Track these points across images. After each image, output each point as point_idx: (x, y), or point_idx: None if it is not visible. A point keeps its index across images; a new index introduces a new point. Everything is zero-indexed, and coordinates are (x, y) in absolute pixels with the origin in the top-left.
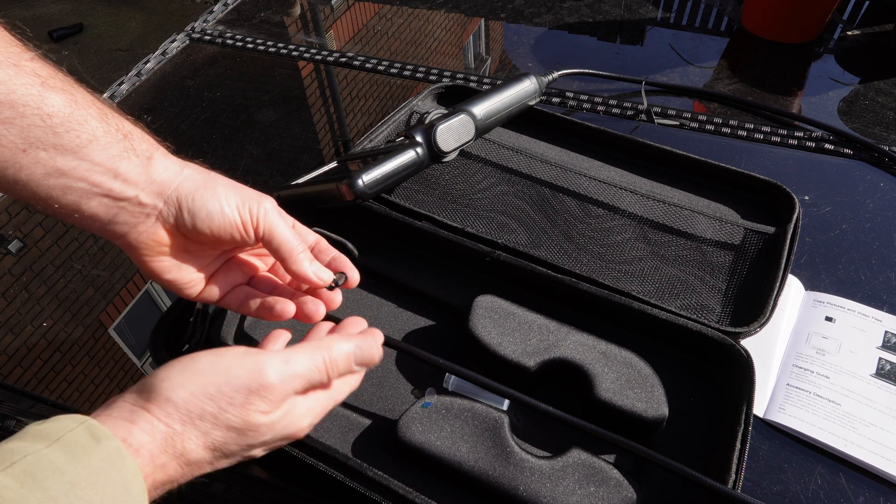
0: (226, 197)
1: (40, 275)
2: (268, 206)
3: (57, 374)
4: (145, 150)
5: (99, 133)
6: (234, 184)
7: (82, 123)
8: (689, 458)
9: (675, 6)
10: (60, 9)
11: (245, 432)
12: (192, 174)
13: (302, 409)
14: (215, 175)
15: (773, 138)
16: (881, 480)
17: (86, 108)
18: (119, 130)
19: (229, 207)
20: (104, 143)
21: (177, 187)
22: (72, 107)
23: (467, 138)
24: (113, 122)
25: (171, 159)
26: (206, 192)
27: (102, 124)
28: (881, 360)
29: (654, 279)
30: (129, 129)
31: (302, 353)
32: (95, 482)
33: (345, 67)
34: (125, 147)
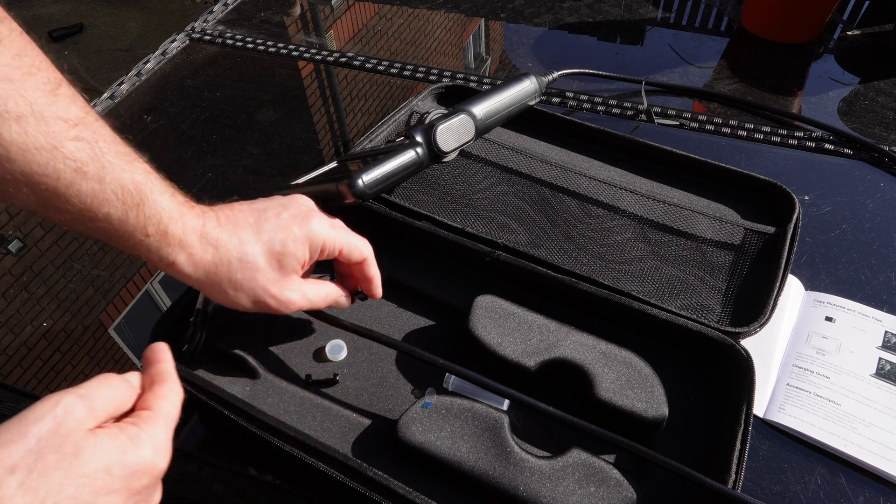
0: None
1: (40, 275)
2: (316, 231)
3: (57, 374)
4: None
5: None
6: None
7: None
8: (689, 458)
9: (675, 6)
10: (60, 9)
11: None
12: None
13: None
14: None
15: (773, 138)
16: (881, 480)
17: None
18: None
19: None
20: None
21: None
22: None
23: (467, 138)
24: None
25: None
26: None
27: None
28: (881, 360)
29: (654, 279)
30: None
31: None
32: None
33: (345, 67)
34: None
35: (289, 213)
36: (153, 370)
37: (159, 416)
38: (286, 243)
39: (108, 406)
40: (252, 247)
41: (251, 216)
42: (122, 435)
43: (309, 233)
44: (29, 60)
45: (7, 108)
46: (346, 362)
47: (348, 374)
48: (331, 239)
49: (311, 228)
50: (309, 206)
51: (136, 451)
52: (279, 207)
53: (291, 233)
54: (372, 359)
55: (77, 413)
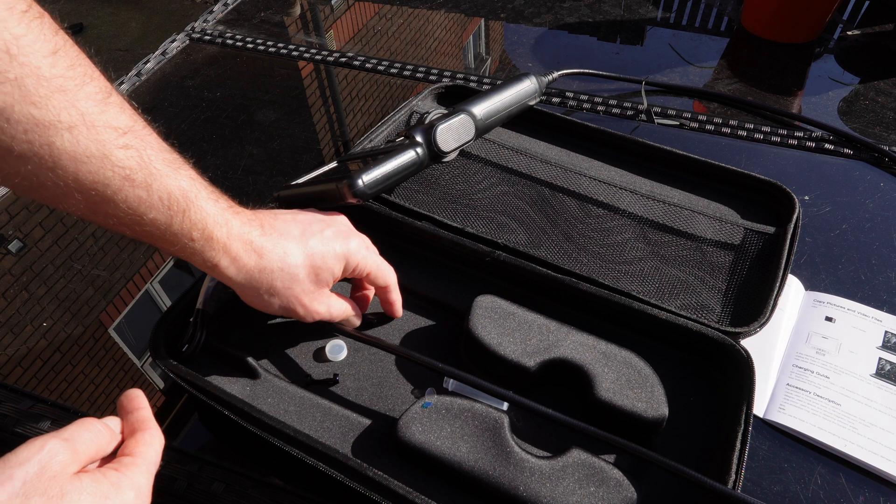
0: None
1: (40, 275)
2: (353, 251)
3: (57, 374)
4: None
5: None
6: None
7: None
8: (689, 458)
9: (675, 6)
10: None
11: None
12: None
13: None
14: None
15: (773, 138)
16: (881, 480)
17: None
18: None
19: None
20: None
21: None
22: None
23: (467, 138)
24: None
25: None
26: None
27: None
28: (881, 360)
29: (654, 279)
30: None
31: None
32: None
33: (345, 67)
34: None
35: (332, 231)
36: (132, 417)
37: (141, 462)
38: (326, 259)
39: (90, 449)
40: (295, 259)
41: (296, 228)
42: (104, 479)
43: (347, 251)
44: (82, 70)
45: (60, 118)
46: (346, 362)
47: (348, 374)
48: (364, 261)
49: (350, 248)
50: (349, 226)
51: (119, 496)
52: (323, 223)
53: (332, 250)
54: (372, 359)
55: (61, 457)
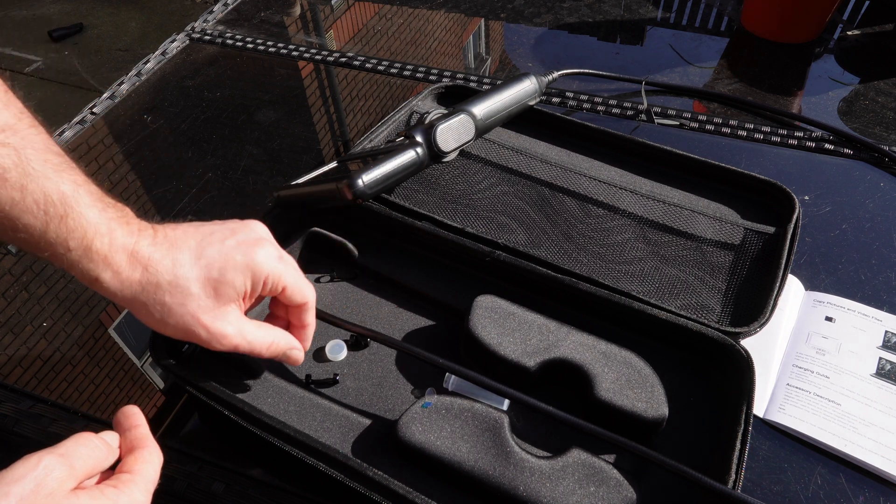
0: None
1: (40, 275)
2: (260, 262)
3: (57, 374)
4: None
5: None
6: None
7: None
8: (689, 458)
9: (675, 6)
10: (60, 9)
11: None
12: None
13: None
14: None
15: (773, 138)
16: (881, 480)
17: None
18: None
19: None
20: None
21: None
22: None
23: (467, 138)
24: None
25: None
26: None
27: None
28: (881, 360)
29: (654, 279)
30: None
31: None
32: None
33: (345, 67)
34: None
35: (235, 240)
36: (130, 435)
37: (139, 480)
38: (225, 270)
39: (87, 465)
40: (186, 270)
41: (193, 238)
42: (102, 497)
43: (252, 262)
44: None
45: None
46: (346, 362)
47: (348, 374)
48: (276, 273)
49: (256, 258)
50: (260, 235)
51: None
52: (226, 232)
53: (232, 260)
54: (372, 359)
55: (57, 473)
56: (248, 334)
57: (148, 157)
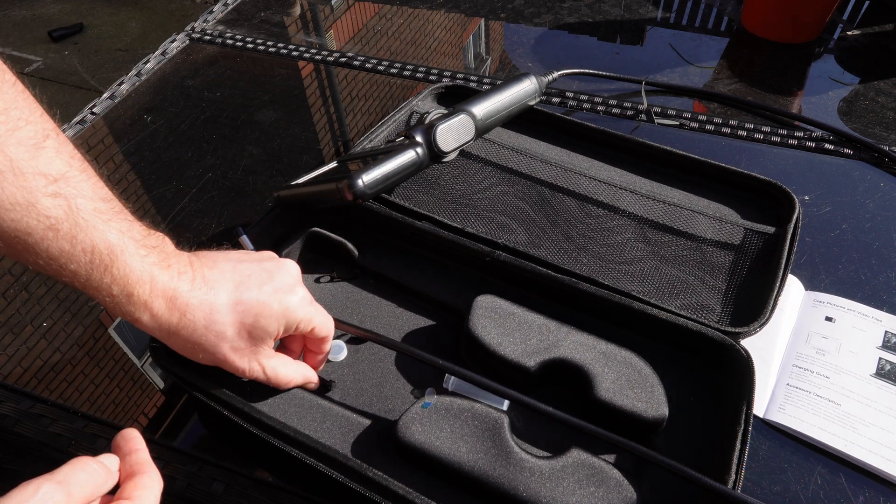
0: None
1: (40, 275)
2: (294, 309)
3: (57, 374)
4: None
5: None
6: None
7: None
8: (689, 458)
9: (675, 6)
10: (60, 9)
11: None
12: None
13: None
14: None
15: (773, 138)
16: (881, 480)
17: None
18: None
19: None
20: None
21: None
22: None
23: (467, 138)
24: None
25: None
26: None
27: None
28: (881, 360)
29: (654, 279)
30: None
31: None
32: None
33: (345, 67)
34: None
35: (272, 286)
36: (131, 459)
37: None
38: (260, 317)
39: (86, 491)
40: (223, 316)
41: (231, 281)
42: None
43: (287, 311)
44: (17, 114)
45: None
46: (346, 362)
47: (348, 374)
48: (307, 318)
49: (290, 306)
50: (294, 279)
51: None
52: (264, 276)
53: (269, 308)
54: (372, 359)
55: (56, 499)
56: (270, 371)
57: (148, 157)
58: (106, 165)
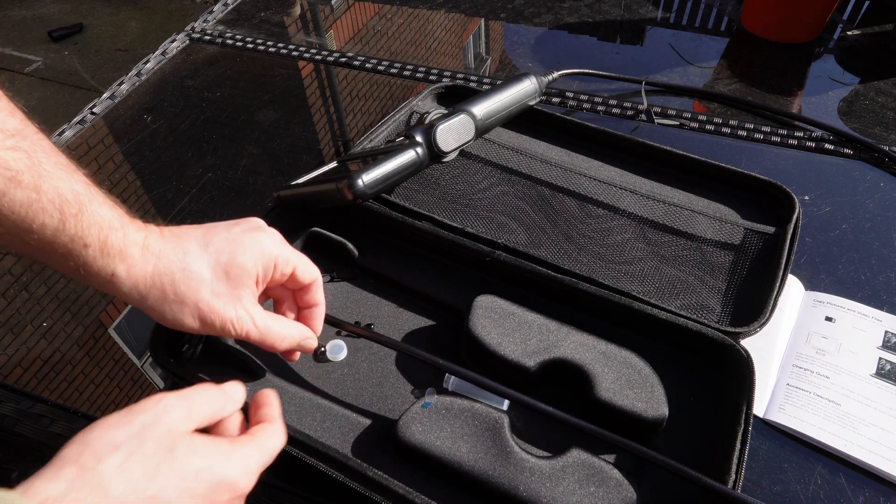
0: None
1: (40, 275)
2: (267, 244)
3: (57, 374)
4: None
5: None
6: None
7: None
8: (689, 458)
9: (675, 6)
10: (60, 9)
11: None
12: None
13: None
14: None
15: (773, 138)
16: (881, 480)
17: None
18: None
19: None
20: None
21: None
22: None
23: (467, 138)
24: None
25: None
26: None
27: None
28: (881, 360)
29: (654, 279)
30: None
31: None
32: None
33: (345, 67)
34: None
35: (239, 228)
36: (262, 412)
37: (256, 444)
38: (235, 254)
39: (205, 411)
40: (196, 257)
41: (198, 230)
42: (216, 446)
43: (260, 245)
44: None
45: None
46: (346, 362)
47: (348, 374)
48: (284, 255)
49: (263, 241)
50: (260, 223)
51: (226, 465)
52: (229, 224)
53: (241, 244)
54: (372, 359)
55: (176, 413)
56: (261, 323)
57: (148, 157)
58: (106, 165)
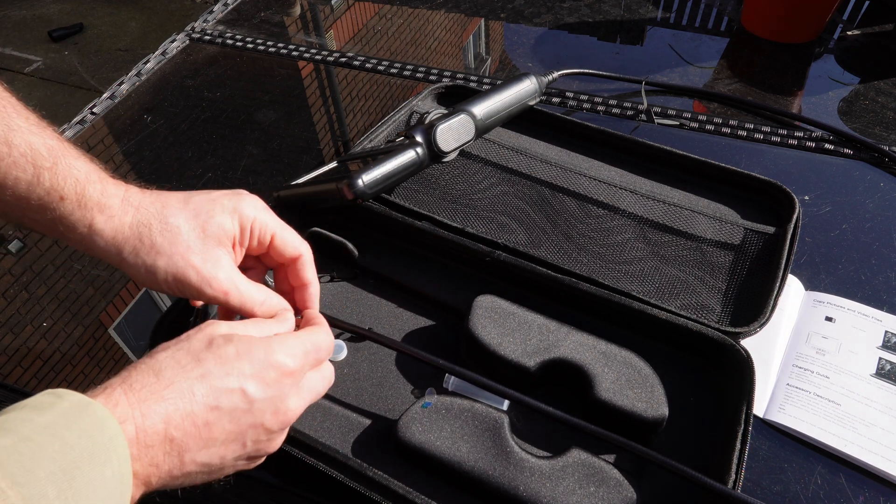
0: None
1: (40, 275)
2: (245, 206)
3: (57, 374)
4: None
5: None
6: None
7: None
8: (689, 458)
9: (675, 6)
10: (60, 9)
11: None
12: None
13: (294, 390)
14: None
15: (773, 138)
16: (881, 480)
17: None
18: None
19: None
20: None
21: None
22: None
23: (467, 138)
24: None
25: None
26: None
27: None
28: (881, 360)
29: (654, 279)
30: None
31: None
32: (66, 424)
33: (345, 67)
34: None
35: (219, 192)
36: (308, 314)
37: (297, 334)
38: (213, 213)
39: (246, 328)
40: (175, 210)
41: (179, 193)
42: (254, 338)
43: (239, 206)
44: None
45: None
46: (346, 362)
47: (348, 374)
48: (262, 219)
49: (242, 202)
50: (244, 191)
51: (267, 348)
52: (211, 190)
53: (220, 203)
54: (372, 359)
55: (218, 326)
56: (241, 284)
57: (148, 157)
58: (106, 165)
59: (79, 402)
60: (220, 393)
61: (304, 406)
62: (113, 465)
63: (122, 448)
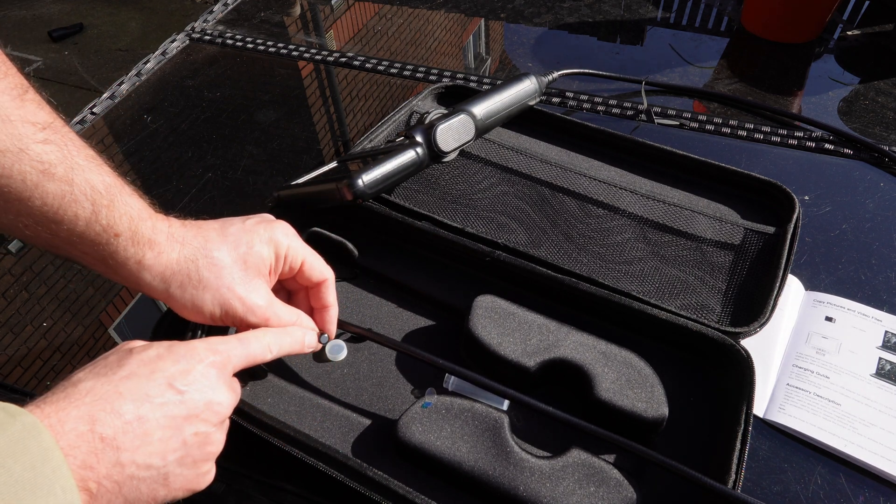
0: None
1: (40, 275)
2: (279, 235)
3: (57, 375)
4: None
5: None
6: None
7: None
8: (689, 458)
9: (675, 6)
10: (60, 9)
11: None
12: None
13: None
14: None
15: (773, 138)
16: (881, 480)
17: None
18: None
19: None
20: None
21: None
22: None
23: (467, 138)
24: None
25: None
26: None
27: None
28: (881, 360)
29: (654, 279)
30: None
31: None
32: (13, 453)
33: (345, 67)
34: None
35: (252, 220)
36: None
37: (187, 349)
38: (252, 243)
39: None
40: (217, 245)
41: (215, 223)
42: (168, 343)
43: (274, 235)
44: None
45: None
46: (346, 362)
47: (348, 374)
48: (294, 247)
49: (275, 231)
50: (272, 217)
51: (177, 346)
52: (242, 217)
53: (257, 234)
54: (372, 359)
55: (136, 342)
56: (279, 310)
57: (148, 157)
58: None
59: (31, 426)
60: (149, 387)
61: (236, 399)
62: (57, 496)
63: (67, 479)
